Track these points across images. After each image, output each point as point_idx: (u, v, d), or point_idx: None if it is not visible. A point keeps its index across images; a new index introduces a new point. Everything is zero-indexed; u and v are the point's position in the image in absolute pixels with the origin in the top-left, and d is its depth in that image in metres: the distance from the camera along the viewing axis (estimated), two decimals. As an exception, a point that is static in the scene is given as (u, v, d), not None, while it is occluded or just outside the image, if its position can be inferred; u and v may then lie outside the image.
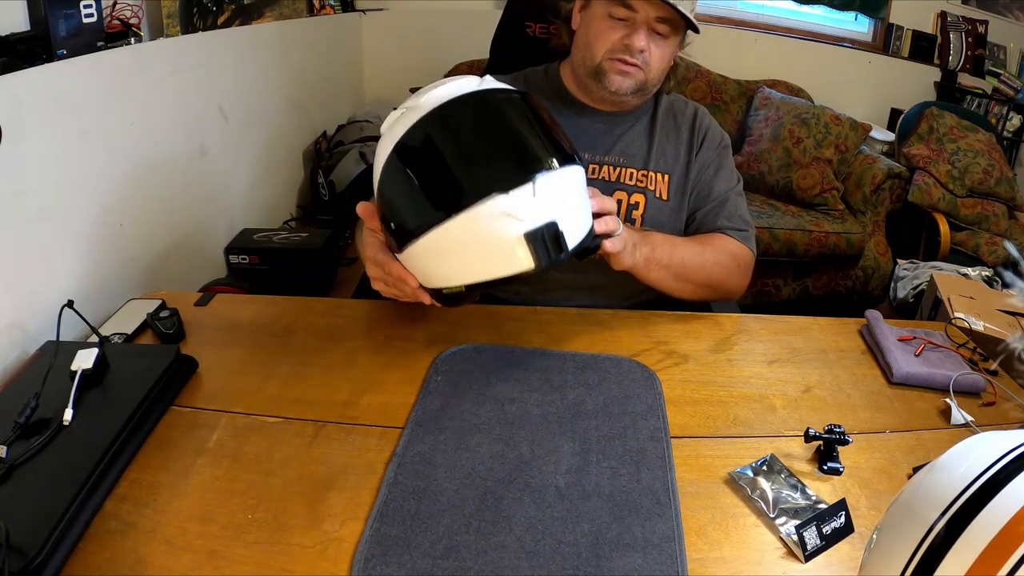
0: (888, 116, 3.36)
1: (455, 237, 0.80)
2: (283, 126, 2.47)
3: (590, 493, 0.77)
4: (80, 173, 1.32)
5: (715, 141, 1.23)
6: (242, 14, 2.07)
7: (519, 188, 0.78)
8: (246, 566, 0.69)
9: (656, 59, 1.12)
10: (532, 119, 0.86)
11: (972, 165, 2.77)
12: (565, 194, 0.83)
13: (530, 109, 0.87)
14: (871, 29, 3.39)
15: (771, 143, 2.82)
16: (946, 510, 0.47)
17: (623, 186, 1.17)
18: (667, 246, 1.08)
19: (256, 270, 1.92)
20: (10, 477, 0.76)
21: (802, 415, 0.93)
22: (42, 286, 1.20)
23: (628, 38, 1.08)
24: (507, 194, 0.78)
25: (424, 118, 0.82)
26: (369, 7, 3.21)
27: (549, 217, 0.79)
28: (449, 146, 0.83)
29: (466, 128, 0.84)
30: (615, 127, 1.20)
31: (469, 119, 0.84)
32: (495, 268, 0.81)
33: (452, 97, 0.83)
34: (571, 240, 0.82)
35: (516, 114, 0.86)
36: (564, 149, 0.86)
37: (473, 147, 0.84)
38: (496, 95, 0.86)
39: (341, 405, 0.92)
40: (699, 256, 1.13)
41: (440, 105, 0.82)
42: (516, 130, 0.85)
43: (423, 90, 0.86)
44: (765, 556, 0.72)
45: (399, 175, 0.84)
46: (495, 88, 0.87)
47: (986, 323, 1.38)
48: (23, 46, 1.16)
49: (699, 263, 1.12)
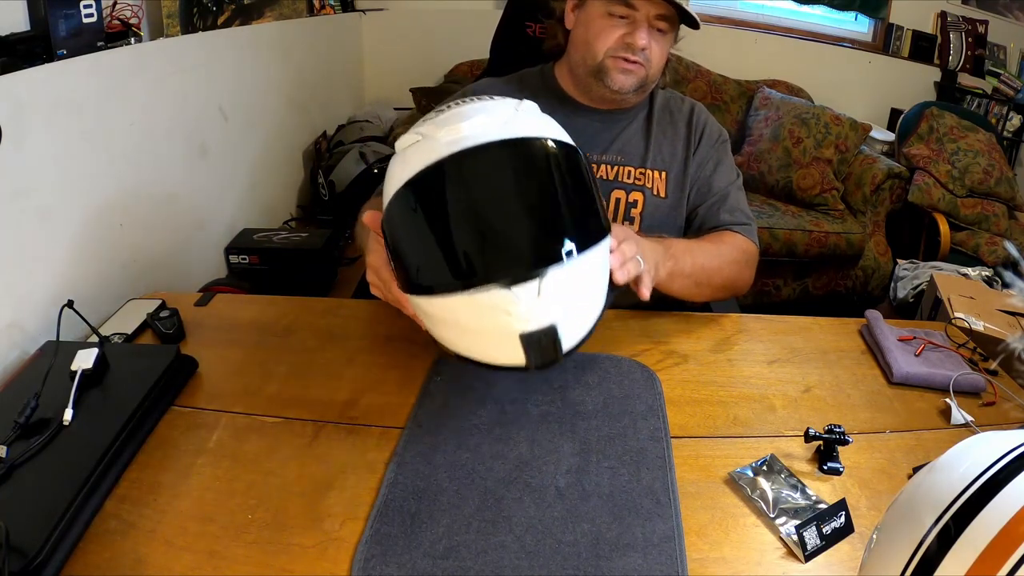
0: (888, 116, 3.36)
1: (450, 311, 0.74)
2: (283, 126, 2.46)
3: (590, 493, 0.77)
4: (80, 173, 1.32)
5: (713, 137, 1.23)
6: (242, 14, 2.07)
7: (524, 285, 0.69)
8: (246, 566, 0.69)
9: (657, 55, 1.12)
10: (565, 183, 0.76)
11: (972, 165, 2.77)
12: (577, 288, 0.74)
13: (568, 168, 0.76)
14: (871, 29, 3.39)
15: (771, 143, 2.82)
16: (946, 510, 0.47)
17: (621, 184, 1.17)
18: (687, 255, 1.06)
19: (256, 270, 1.92)
20: (10, 477, 0.76)
21: (802, 415, 0.93)
22: (42, 286, 1.20)
23: (630, 36, 1.08)
24: (509, 290, 0.69)
25: (438, 165, 0.72)
26: (369, 7, 3.21)
27: (551, 320, 0.71)
28: (459, 207, 0.73)
29: (483, 188, 0.73)
30: (612, 125, 1.20)
31: (488, 178, 0.73)
32: (487, 353, 0.76)
33: (476, 144, 0.72)
34: (574, 337, 0.75)
35: (543, 178, 0.75)
36: (592, 225, 0.76)
37: (484, 216, 0.73)
38: (527, 149, 0.75)
39: (341, 405, 0.92)
40: (717, 258, 1.11)
41: (460, 152, 0.72)
42: (537, 204, 0.74)
43: (448, 114, 0.77)
44: (765, 556, 0.72)
45: (405, 216, 0.75)
46: (528, 139, 0.75)
47: (986, 323, 1.38)
48: (23, 46, 1.16)
49: (717, 265, 1.11)
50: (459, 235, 0.73)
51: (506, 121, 0.75)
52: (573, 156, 0.78)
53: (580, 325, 0.76)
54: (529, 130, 0.76)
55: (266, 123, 2.30)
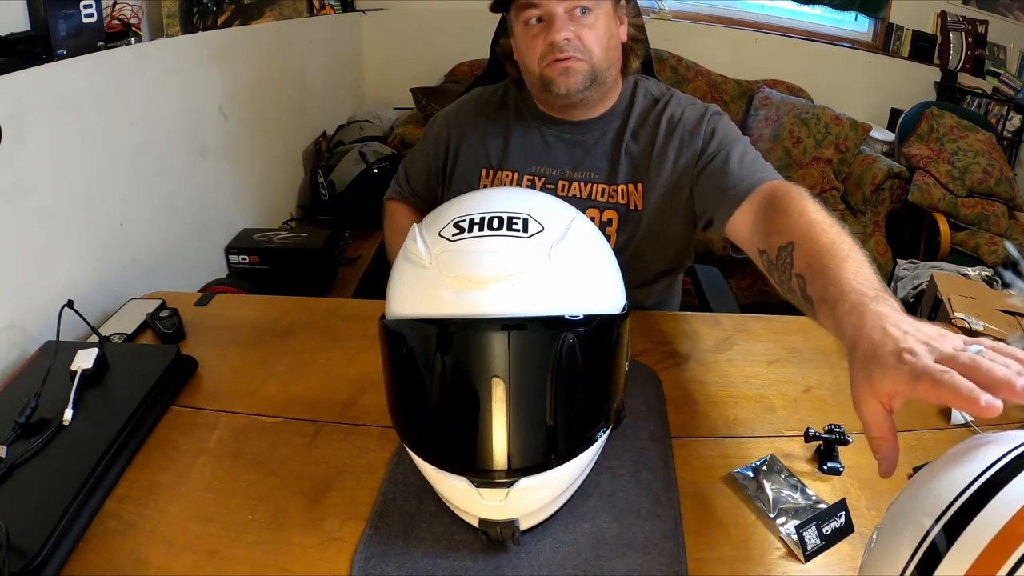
0: (888, 116, 3.35)
1: (420, 464, 0.70)
2: (283, 126, 2.46)
3: (590, 493, 0.77)
4: (80, 173, 1.32)
5: (708, 137, 1.09)
6: (242, 14, 2.07)
7: (492, 488, 0.65)
8: (246, 566, 0.69)
9: (591, 40, 1.03)
10: (574, 382, 0.66)
11: (972, 165, 2.77)
12: (550, 489, 0.68)
13: (586, 353, 0.66)
14: (871, 29, 3.39)
15: (771, 143, 2.82)
16: (946, 510, 0.47)
17: (594, 203, 1.12)
18: (876, 280, 0.70)
19: (256, 270, 1.92)
20: (10, 477, 0.76)
21: (802, 415, 0.93)
22: (42, 286, 1.20)
23: (549, 35, 1.02)
24: (476, 489, 0.65)
25: (428, 324, 0.64)
26: (369, 7, 3.21)
27: (513, 515, 0.66)
28: (442, 384, 0.65)
29: (474, 372, 0.64)
30: (584, 140, 1.14)
31: (482, 364, 0.64)
32: (453, 502, 0.71)
33: (480, 315, 0.63)
34: (539, 517, 0.71)
35: (542, 379, 0.64)
36: (589, 429, 0.68)
37: (466, 407, 0.65)
38: (542, 338, 0.64)
39: (341, 405, 0.92)
40: (838, 231, 0.80)
41: (469, 320, 0.63)
42: (527, 408, 0.65)
43: (469, 248, 0.65)
44: (765, 556, 0.72)
45: (395, 348, 0.68)
46: (550, 320, 0.64)
47: (986, 323, 1.38)
48: (23, 46, 1.16)
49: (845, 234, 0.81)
50: (436, 418, 0.67)
51: (531, 277, 0.64)
52: (601, 331, 0.67)
53: (547, 510, 0.71)
54: (558, 296, 0.65)
55: (266, 123, 2.30)
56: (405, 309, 0.67)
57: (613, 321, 0.69)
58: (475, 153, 1.19)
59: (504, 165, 1.16)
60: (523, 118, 1.18)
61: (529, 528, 0.71)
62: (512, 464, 0.65)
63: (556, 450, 0.66)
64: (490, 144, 1.18)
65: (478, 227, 0.66)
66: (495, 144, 1.18)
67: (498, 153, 1.17)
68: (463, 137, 1.20)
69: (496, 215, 0.67)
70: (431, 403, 0.67)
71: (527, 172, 1.15)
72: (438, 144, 1.23)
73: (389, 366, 0.70)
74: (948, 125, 2.89)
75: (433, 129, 1.25)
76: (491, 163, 1.17)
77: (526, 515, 0.68)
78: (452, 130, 1.21)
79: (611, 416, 0.71)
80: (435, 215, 0.72)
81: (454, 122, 1.22)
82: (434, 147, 1.23)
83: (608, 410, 0.71)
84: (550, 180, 1.14)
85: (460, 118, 1.22)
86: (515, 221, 0.66)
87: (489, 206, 0.69)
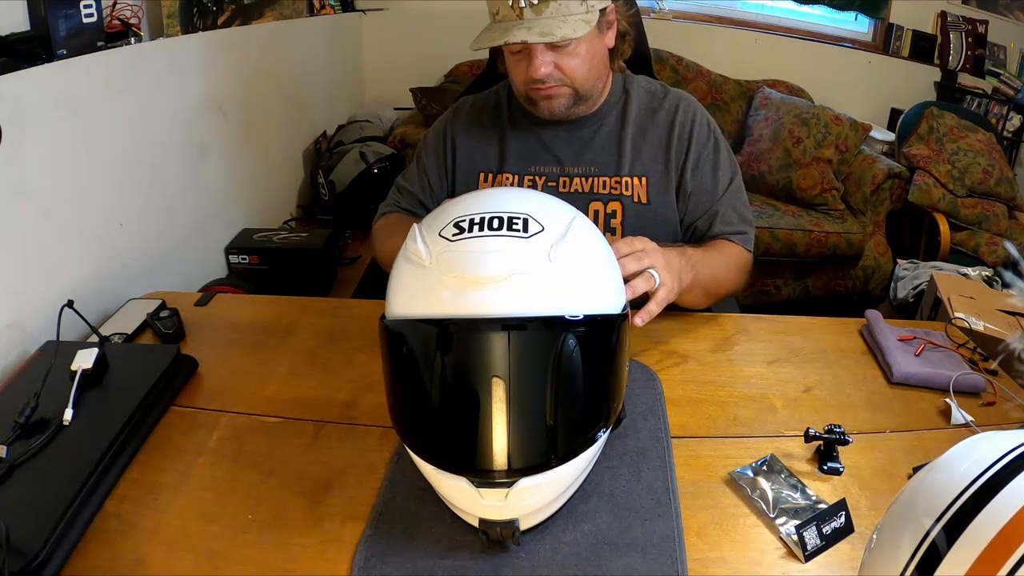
0: (888, 116, 3.35)
1: (420, 464, 0.70)
2: (283, 126, 2.47)
3: (590, 493, 0.77)
4: (80, 173, 1.32)
5: (703, 137, 1.14)
6: (242, 14, 2.07)
7: (491, 488, 0.65)
8: (246, 566, 0.69)
9: (572, 67, 1.03)
10: (573, 383, 0.67)
11: (972, 165, 2.77)
12: (550, 489, 0.68)
13: (586, 353, 0.66)
14: (871, 29, 3.39)
15: (771, 143, 2.82)
16: (946, 510, 0.47)
17: (597, 196, 1.13)
18: (703, 265, 1.03)
19: (256, 270, 1.92)
20: (10, 477, 0.76)
21: (802, 415, 0.93)
22: (42, 286, 1.20)
23: (529, 68, 1.01)
24: (476, 489, 0.65)
25: (429, 324, 0.65)
26: (369, 7, 3.21)
27: (513, 515, 0.66)
28: (441, 385, 0.66)
29: (474, 371, 0.65)
30: (582, 134, 1.15)
31: (482, 364, 0.64)
32: (453, 502, 0.71)
33: (490, 315, 0.63)
34: (539, 517, 0.71)
35: (542, 381, 0.65)
36: (588, 429, 0.69)
37: (466, 407, 0.65)
38: (544, 337, 0.65)
39: (341, 405, 0.92)
40: (725, 270, 1.10)
41: (470, 320, 0.63)
42: (526, 410, 0.65)
43: (469, 246, 0.65)
44: (765, 556, 0.72)
45: (396, 348, 0.69)
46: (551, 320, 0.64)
47: (986, 323, 1.38)
48: (23, 46, 1.16)
49: (726, 277, 1.10)
50: (437, 417, 0.67)
51: (532, 277, 0.64)
52: (601, 332, 0.68)
53: (547, 510, 0.71)
54: (558, 296, 0.65)
55: (266, 123, 2.30)
56: (405, 309, 0.68)
57: (613, 321, 0.70)
58: (473, 160, 1.19)
59: (503, 168, 1.17)
60: (516, 121, 1.18)
61: (529, 528, 0.71)
62: (512, 464, 0.65)
63: (556, 450, 0.66)
64: (487, 150, 1.19)
65: (478, 227, 0.66)
66: (492, 150, 1.18)
67: (496, 158, 1.18)
68: (459, 146, 1.20)
69: (496, 215, 0.67)
70: (431, 403, 0.67)
71: (527, 173, 1.16)
72: (438, 155, 1.22)
73: (389, 366, 0.70)
74: (948, 125, 2.89)
75: (429, 142, 1.25)
76: (490, 167, 1.18)
77: (526, 515, 0.68)
78: (448, 140, 1.21)
79: (611, 416, 0.72)
80: (435, 215, 0.73)
81: (449, 132, 1.22)
82: (435, 158, 1.22)
83: (608, 410, 0.71)
84: (551, 178, 1.15)
85: (455, 128, 1.22)
86: (515, 221, 0.66)
87: (489, 206, 0.69)
